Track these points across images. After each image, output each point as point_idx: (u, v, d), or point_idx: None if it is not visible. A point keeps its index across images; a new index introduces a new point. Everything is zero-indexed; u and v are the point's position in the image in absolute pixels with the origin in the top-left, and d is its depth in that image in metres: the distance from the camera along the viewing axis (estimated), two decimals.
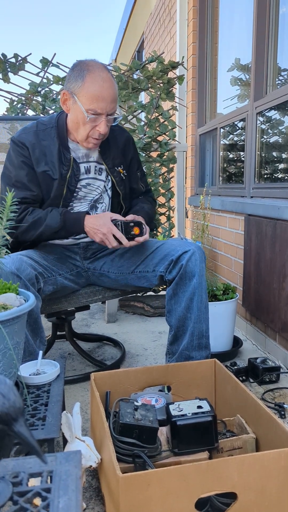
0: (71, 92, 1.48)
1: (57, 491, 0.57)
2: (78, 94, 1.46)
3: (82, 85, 1.44)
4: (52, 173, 1.54)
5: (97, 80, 1.44)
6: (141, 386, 1.41)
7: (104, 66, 1.49)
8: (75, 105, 1.48)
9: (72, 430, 1.01)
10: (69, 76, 1.49)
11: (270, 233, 1.94)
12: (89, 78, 1.44)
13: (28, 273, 1.35)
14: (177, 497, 0.90)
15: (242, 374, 1.74)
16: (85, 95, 1.45)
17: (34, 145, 1.53)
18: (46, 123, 1.58)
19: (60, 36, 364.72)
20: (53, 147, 1.54)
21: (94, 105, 1.45)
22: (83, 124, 1.49)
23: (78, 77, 1.45)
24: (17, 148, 1.54)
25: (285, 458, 0.95)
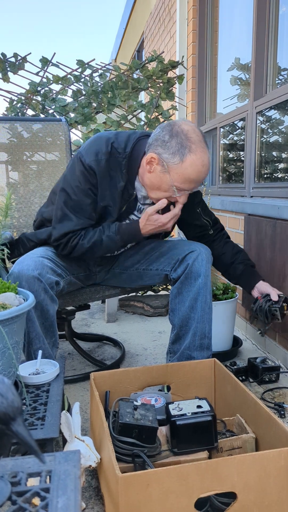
0: (162, 161, 1.35)
1: (56, 491, 0.56)
2: (172, 169, 1.35)
3: (179, 164, 1.33)
4: (112, 210, 1.47)
5: (198, 165, 1.33)
6: (140, 385, 1.41)
7: (205, 143, 1.36)
8: (163, 175, 1.37)
9: (71, 430, 1.01)
10: (163, 141, 1.35)
11: (270, 232, 1.94)
12: (189, 161, 1.32)
13: (49, 277, 1.35)
14: (176, 497, 0.90)
15: (241, 374, 1.73)
16: (179, 175, 1.35)
17: (103, 177, 1.42)
18: (120, 150, 1.42)
19: (59, 35, 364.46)
20: (119, 181, 1.44)
21: (186, 186, 1.37)
22: (163, 192, 1.41)
23: (177, 153, 1.32)
24: (86, 173, 1.41)
25: (284, 457, 0.94)
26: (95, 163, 1.40)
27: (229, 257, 1.68)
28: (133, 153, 1.44)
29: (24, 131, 2.09)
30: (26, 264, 1.33)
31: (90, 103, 2.79)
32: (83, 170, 1.41)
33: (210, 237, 1.70)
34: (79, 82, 2.80)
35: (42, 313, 1.35)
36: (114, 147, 1.42)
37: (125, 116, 2.87)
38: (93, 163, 1.40)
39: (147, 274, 1.63)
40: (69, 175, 1.46)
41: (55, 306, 1.39)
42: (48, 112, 2.75)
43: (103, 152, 1.40)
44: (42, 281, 1.32)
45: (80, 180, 1.42)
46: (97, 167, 1.40)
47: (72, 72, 2.78)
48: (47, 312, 1.35)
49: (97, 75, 2.83)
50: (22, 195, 2.05)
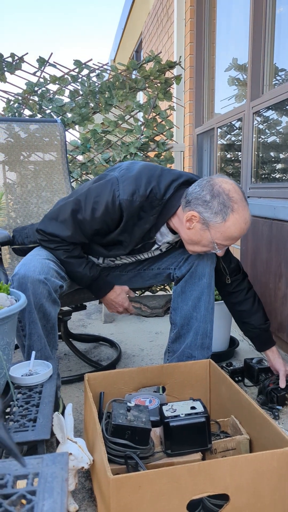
0: (204, 220, 1.33)
1: (42, 493, 0.56)
2: (214, 228, 1.33)
3: (222, 224, 1.31)
4: (126, 246, 1.45)
5: (241, 224, 1.32)
6: (135, 386, 1.40)
7: (246, 201, 1.34)
8: (204, 232, 1.35)
9: (64, 431, 1.00)
10: (206, 201, 1.32)
11: (266, 233, 1.94)
12: (232, 220, 1.31)
13: (54, 281, 1.35)
14: (168, 499, 0.90)
15: (238, 375, 1.73)
16: (221, 233, 1.33)
17: (131, 218, 1.37)
18: (158, 196, 1.37)
19: (58, 35, 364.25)
20: (145, 224, 1.40)
21: (227, 242, 1.37)
22: (202, 247, 1.40)
23: (220, 213, 1.30)
24: (112, 208, 1.35)
25: (277, 459, 0.94)
26: (128, 203, 1.34)
27: (246, 315, 1.62)
28: (169, 202, 1.40)
29: (21, 131, 2.08)
30: (33, 266, 1.33)
31: (87, 103, 2.78)
32: (110, 204, 1.35)
33: (228, 288, 1.63)
34: (76, 82, 2.79)
35: (45, 316, 1.35)
36: (153, 193, 1.37)
37: (123, 116, 2.87)
38: (126, 202, 1.34)
39: (148, 274, 1.63)
40: (94, 194, 1.38)
41: (57, 308, 1.40)
42: (45, 112, 2.75)
43: (140, 195, 1.35)
44: (48, 284, 1.32)
45: (101, 210, 1.36)
46: (128, 208, 1.35)
47: (69, 72, 2.77)
48: (49, 314, 1.36)
49: (94, 75, 2.82)
50: (19, 195, 2.05)
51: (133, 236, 1.41)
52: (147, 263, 1.63)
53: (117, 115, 2.89)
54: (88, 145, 2.79)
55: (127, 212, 1.35)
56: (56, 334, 1.43)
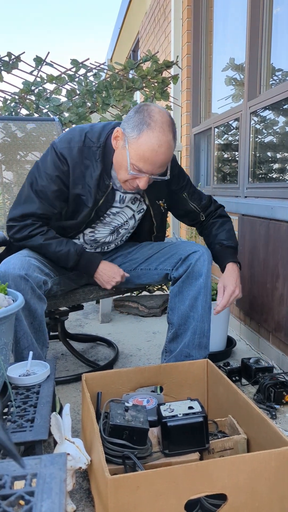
0: (124, 134, 1.36)
1: (41, 494, 0.56)
2: (130, 144, 1.34)
3: (136, 139, 1.32)
4: (86, 199, 1.46)
5: (152, 143, 1.30)
6: (133, 386, 1.40)
7: (168, 125, 1.33)
8: (123, 150, 1.36)
9: (61, 432, 1.00)
10: (129, 116, 1.36)
11: (264, 233, 1.94)
12: (145, 136, 1.30)
13: (36, 276, 1.34)
14: (166, 499, 0.90)
15: (235, 374, 1.73)
16: (135, 150, 1.33)
17: (76, 164, 1.42)
18: (94, 140, 1.43)
19: (55, 35, 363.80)
20: (94, 171, 1.43)
21: (141, 164, 1.34)
22: (125, 171, 1.39)
23: (136, 128, 1.32)
24: (57, 160, 1.42)
25: (275, 459, 0.94)
26: (67, 150, 1.41)
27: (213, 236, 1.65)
28: (108, 143, 1.44)
29: (18, 130, 2.08)
30: (12, 263, 1.32)
31: (84, 102, 2.78)
32: (54, 157, 1.42)
33: (204, 223, 1.69)
34: (73, 81, 2.79)
35: (30, 313, 1.33)
36: (88, 137, 1.43)
37: (120, 116, 2.86)
38: (65, 150, 1.41)
39: (145, 274, 1.63)
40: (41, 162, 1.47)
41: (43, 306, 1.38)
42: (42, 112, 2.74)
43: (76, 141, 1.42)
44: (29, 280, 1.31)
45: (50, 167, 1.43)
46: (69, 154, 1.41)
47: (66, 72, 2.77)
48: (35, 311, 1.34)
49: (91, 74, 2.82)
50: (15, 195, 2.04)
51: (88, 186, 1.44)
52: (145, 263, 1.63)
53: (114, 114, 2.89)
54: None
55: (70, 159, 1.41)
56: (45, 331, 1.41)
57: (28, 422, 0.94)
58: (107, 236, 1.63)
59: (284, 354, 1.83)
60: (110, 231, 1.61)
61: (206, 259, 1.50)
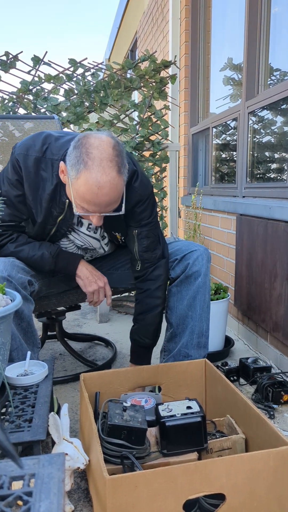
0: (67, 171, 1.23)
1: (39, 494, 0.55)
2: (71, 183, 1.21)
3: (76, 179, 1.18)
4: (35, 213, 1.36)
5: (91, 186, 1.16)
6: (131, 386, 1.40)
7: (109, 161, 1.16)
8: (68, 187, 1.26)
9: (59, 432, 1.00)
10: (70, 151, 1.22)
11: (262, 233, 1.94)
12: (83, 177, 1.16)
13: (20, 277, 1.31)
14: (165, 499, 0.90)
15: (233, 374, 1.73)
16: (76, 191, 1.20)
17: (29, 174, 1.32)
18: (55, 152, 1.31)
19: (53, 34, 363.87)
20: (50, 184, 1.32)
21: (85, 205, 1.22)
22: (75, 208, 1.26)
23: (74, 166, 1.18)
24: (15, 164, 1.33)
25: (273, 458, 0.94)
26: (23, 158, 1.31)
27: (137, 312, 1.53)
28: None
29: (16, 130, 2.07)
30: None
31: (82, 102, 2.77)
32: (13, 161, 1.34)
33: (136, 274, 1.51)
34: (71, 81, 2.78)
35: (17, 314, 1.31)
36: (49, 149, 1.32)
37: (118, 115, 2.86)
38: (21, 157, 1.31)
39: None
40: (5, 167, 1.40)
41: (30, 306, 1.36)
42: (40, 111, 2.74)
43: (36, 150, 1.31)
44: (12, 281, 1.28)
45: (10, 171, 1.35)
46: (24, 162, 1.31)
47: (64, 71, 2.76)
48: (22, 312, 1.32)
49: (89, 74, 2.82)
50: None
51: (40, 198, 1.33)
52: None
53: (112, 114, 2.88)
54: None
55: (24, 168, 1.30)
56: (34, 332, 1.38)
57: (26, 422, 0.94)
58: (77, 250, 1.56)
59: (282, 354, 1.83)
60: (76, 248, 1.54)
61: (204, 258, 1.50)
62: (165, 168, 3.04)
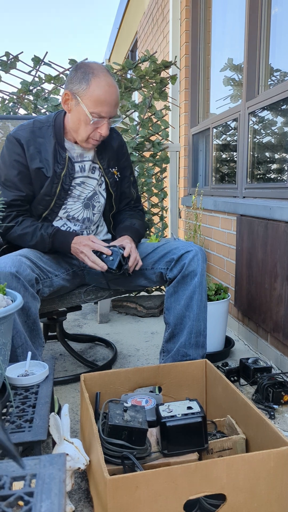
0: (73, 94, 1.48)
1: (40, 495, 0.55)
2: (82, 96, 1.46)
3: (87, 88, 1.45)
4: (46, 171, 1.54)
5: (103, 85, 1.45)
6: (131, 387, 1.40)
7: (108, 71, 1.50)
8: (78, 106, 1.48)
9: (60, 432, 1.00)
10: (71, 77, 1.49)
11: (262, 233, 1.94)
12: (94, 82, 1.45)
13: (27, 274, 1.34)
14: (165, 499, 0.90)
15: (233, 375, 1.73)
16: (89, 98, 1.46)
17: (29, 142, 1.53)
18: (43, 121, 1.58)
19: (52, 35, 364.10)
20: (48, 145, 1.54)
21: (99, 108, 1.46)
22: (85, 125, 1.50)
23: (83, 80, 1.46)
24: (10, 145, 1.53)
25: (274, 459, 0.94)
26: (19, 133, 1.54)
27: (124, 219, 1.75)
28: (56, 121, 1.58)
29: None
30: (3, 262, 1.32)
31: None
32: (8, 144, 1.54)
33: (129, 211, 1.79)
34: None
35: (23, 311, 1.33)
36: (36, 121, 1.59)
37: (118, 115, 2.86)
38: (17, 133, 1.54)
39: (143, 274, 1.63)
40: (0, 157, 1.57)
41: (37, 304, 1.38)
42: (40, 112, 2.74)
43: (26, 125, 1.57)
44: (20, 278, 1.31)
45: (6, 154, 1.54)
46: (21, 135, 1.53)
47: (65, 72, 2.76)
48: (29, 309, 1.34)
49: None
50: None
51: (44, 158, 1.53)
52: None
53: None
54: None
55: (22, 139, 1.52)
56: (40, 331, 1.41)
57: (27, 422, 0.94)
58: (82, 210, 1.66)
59: (283, 354, 1.83)
60: (83, 203, 1.65)
61: (200, 258, 1.51)
62: (165, 169, 3.04)
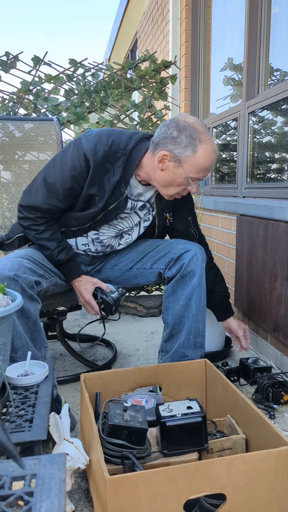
0: (174, 156, 1.38)
1: (40, 495, 0.55)
2: (185, 162, 1.38)
3: (192, 156, 1.37)
4: (98, 200, 1.46)
5: (209, 152, 1.38)
6: (131, 386, 1.40)
7: (207, 129, 1.42)
8: (177, 169, 1.40)
9: (60, 432, 1.00)
10: (173, 138, 1.37)
11: (262, 233, 1.94)
12: (201, 150, 1.37)
13: (26, 277, 1.33)
14: (165, 499, 0.90)
15: (233, 374, 1.73)
16: (193, 165, 1.38)
17: (97, 167, 1.42)
18: (121, 147, 1.44)
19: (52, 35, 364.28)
20: (113, 176, 1.44)
21: (201, 174, 1.41)
22: (178, 186, 1.44)
23: (189, 146, 1.36)
24: (77, 158, 1.41)
25: (274, 458, 0.94)
26: (92, 152, 1.40)
27: (211, 284, 1.68)
28: (133, 152, 1.45)
29: (16, 130, 2.07)
30: (2, 264, 1.32)
31: (82, 102, 2.78)
32: (75, 155, 1.42)
33: None
34: (71, 81, 2.78)
35: (23, 313, 1.32)
36: (114, 143, 1.43)
37: (118, 115, 2.86)
38: (90, 151, 1.40)
39: (141, 273, 1.63)
40: (60, 157, 1.47)
41: (36, 305, 1.37)
42: (40, 112, 2.74)
43: (102, 144, 1.42)
44: (19, 281, 1.30)
45: (68, 165, 1.43)
46: (93, 156, 1.41)
47: (65, 71, 2.76)
48: (28, 311, 1.33)
49: (90, 74, 2.82)
50: (13, 194, 2.04)
51: (103, 188, 1.45)
52: (140, 262, 1.62)
53: (112, 114, 2.88)
54: None
55: (92, 161, 1.40)
56: (41, 331, 1.40)
57: (27, 422, 0.94)
58: (111, 238, 1.62)
59: (283, 354, 1.83)
60: (115, 233, 1.61)
61: (199, 258, 1.50)
62: None
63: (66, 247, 1.53)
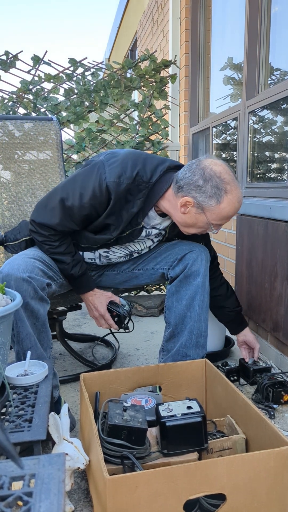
0: (198, 204, 1.35)
1: (39, 495, 0.55)
2: (208, 210, 1.35)
3: (217, 205, 1.34)
4: (113, 229, 1.44)
5: (234, 203, 1.35)
6: (131, 386, 1.40)
7: (236, 180, 1.39)
8: (199, 215, 1.38)
9: (59, 432, 1.00)
10: (198, 186, 1.34)
11: (262, 232, 1.94)
12: (227, 201, 1.34)
13: (39, 279, 1.33)
14: (165, 499, 0.90)
15: (233, 374, 1.73)
16: (217, 214, 1.36)
17: (118, 200, 1.37)
18: (144, 180, 1.39)
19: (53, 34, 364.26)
20: (131, 208, 1.41)
21: (223, 221, 1.40)
22: (198, 228, 1.43)
23: (214, 196, 1.33)
24: (100, 190, 1.36)
25: (274, 458, 0.94)
26: (115, 185, 1.35)
27: (222, 299, 1.71)
28: (156, 185, 1.42)
29: (16, 129, 2.07)
30: (17, 265, 1.32)
31: (82, 102, 2.77)
32: (98, 185, 1.36)
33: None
34: (71, 80, 2.78)
35: (33, 313, 1.33)
36: (139, 175, 1.38)
37: (118, 115, 2.86)
38: (113, 184, 1.35)
39: (142, 274, 1.63)
40: (82, 178, 1.40)
41: (46, 306, 1.38)
42: (39, 111, 2.73)
43: (127, 177, 1.36)
44: (32, 282, 1.30)
45: (88, 192, 1.37)
46: (115, 190, 1.36)
47: (64, 71, 2.76)
48: (37, 312, 1.34)
49: (89, 73, 2.81)
50: (13, 194, 2.04)
51: (120, 219, 1.42)
52: (142, 263, 1.63)
53: (112, 114, 2.88)
54: (83, 144, 2.78)
55: (114, 195, 1.36)
56: (48, 332, 1.41)
57: (26, 422, 0.93)
58: (121, 257, 1.62)
59: (283, 354, 1.83)
60: (125, 254, 1.61)
61: (203, 258, 1.50)
62: None
63: (80, 261, 1.51)
